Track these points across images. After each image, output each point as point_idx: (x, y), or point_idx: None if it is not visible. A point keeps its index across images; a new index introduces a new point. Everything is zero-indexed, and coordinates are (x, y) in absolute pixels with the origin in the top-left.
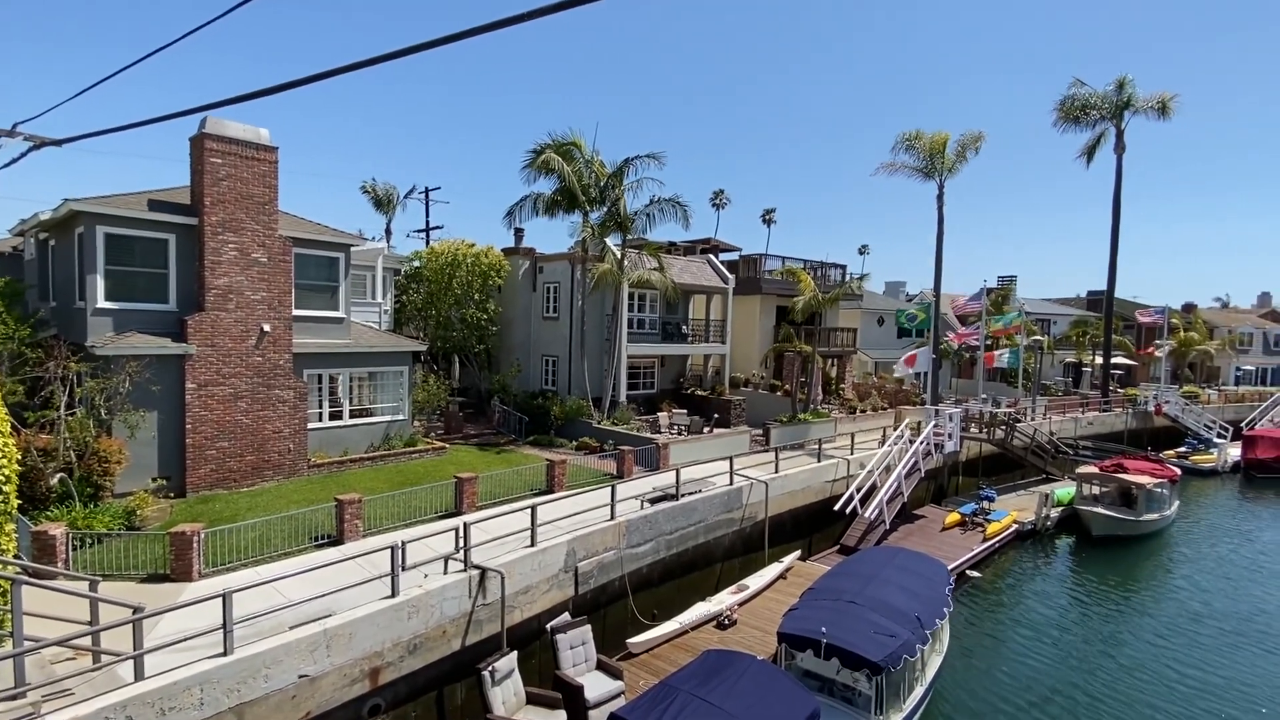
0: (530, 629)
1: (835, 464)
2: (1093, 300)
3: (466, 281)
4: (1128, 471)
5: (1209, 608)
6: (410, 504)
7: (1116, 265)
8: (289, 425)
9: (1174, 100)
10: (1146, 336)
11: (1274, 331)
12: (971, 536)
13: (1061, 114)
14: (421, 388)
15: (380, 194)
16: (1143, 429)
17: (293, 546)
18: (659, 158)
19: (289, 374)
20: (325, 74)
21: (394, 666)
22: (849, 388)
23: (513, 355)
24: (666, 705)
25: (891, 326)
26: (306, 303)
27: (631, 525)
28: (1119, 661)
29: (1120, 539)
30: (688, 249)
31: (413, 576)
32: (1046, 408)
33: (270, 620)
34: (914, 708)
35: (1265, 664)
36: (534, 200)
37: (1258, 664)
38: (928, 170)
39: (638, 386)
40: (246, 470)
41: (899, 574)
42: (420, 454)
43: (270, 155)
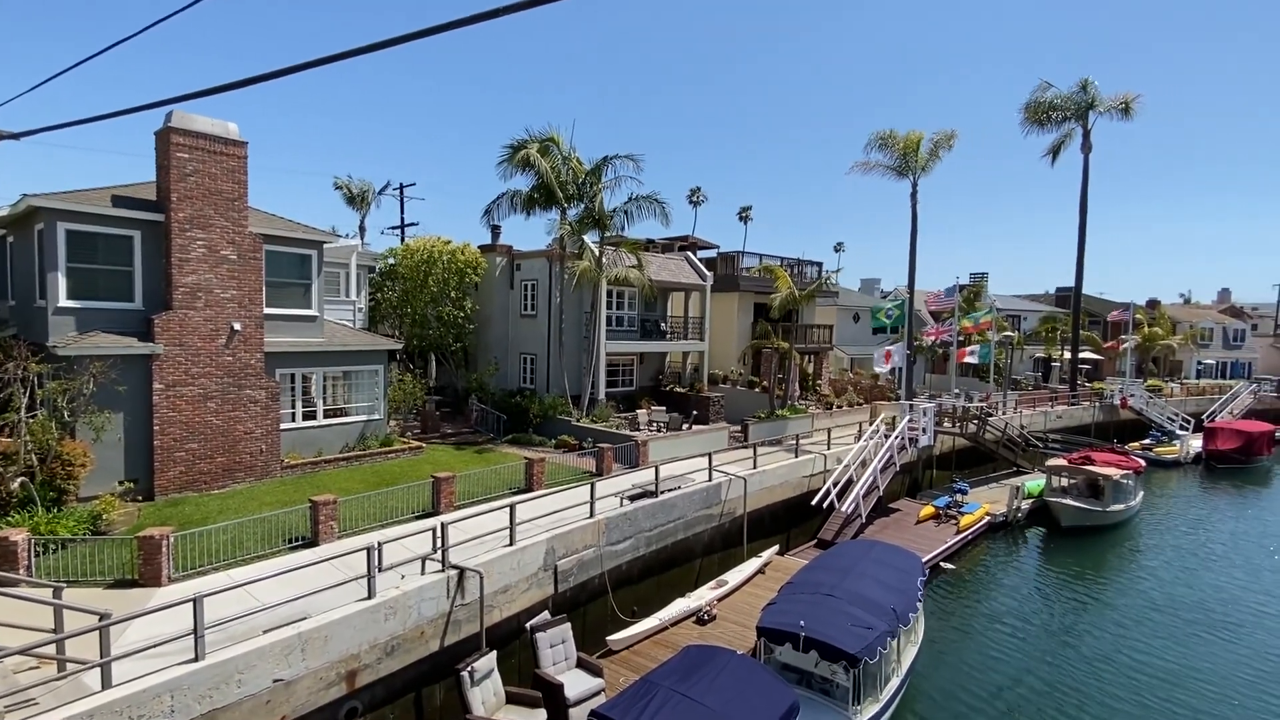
0: (510, 628)
1: (812, 459)
2: (1061, 296)
3: (443, 279)
4: (1095, 464)
5: (1168, 597)
6: (387, 504)
7: (1084, 263)
8: (261, 426)
9: (1136, 101)
10: (1113, 332)
11: (1233, 327)
12: (945, 529)
13: (1029, 116)
14: (397, 387)
15: (354, 190)
16: (1109, 422)
17: (266, 549)
18: (637, 159)
19: (261, 373)
20: (296, 68)
21: (371, 669)
22: (826, 384)
23: (490, 353)
24: (647, 701)
25: (867, 323)
26: (278, 301)
27: (611, 523)
28: (1085, 649)
29: (1088, 529)
30: (666, 246)
31: (390, 578)
32: (1017, 402)
33: (243, 624)
34: (890, 698)
35: (1217, 651)
36: (511, 197)
37: (1211, 651)
38: (901, 169)
39: (616, 384)
40: (217, 472)
41: (875, 567)
42: (397, 454)
43: (239, 150)
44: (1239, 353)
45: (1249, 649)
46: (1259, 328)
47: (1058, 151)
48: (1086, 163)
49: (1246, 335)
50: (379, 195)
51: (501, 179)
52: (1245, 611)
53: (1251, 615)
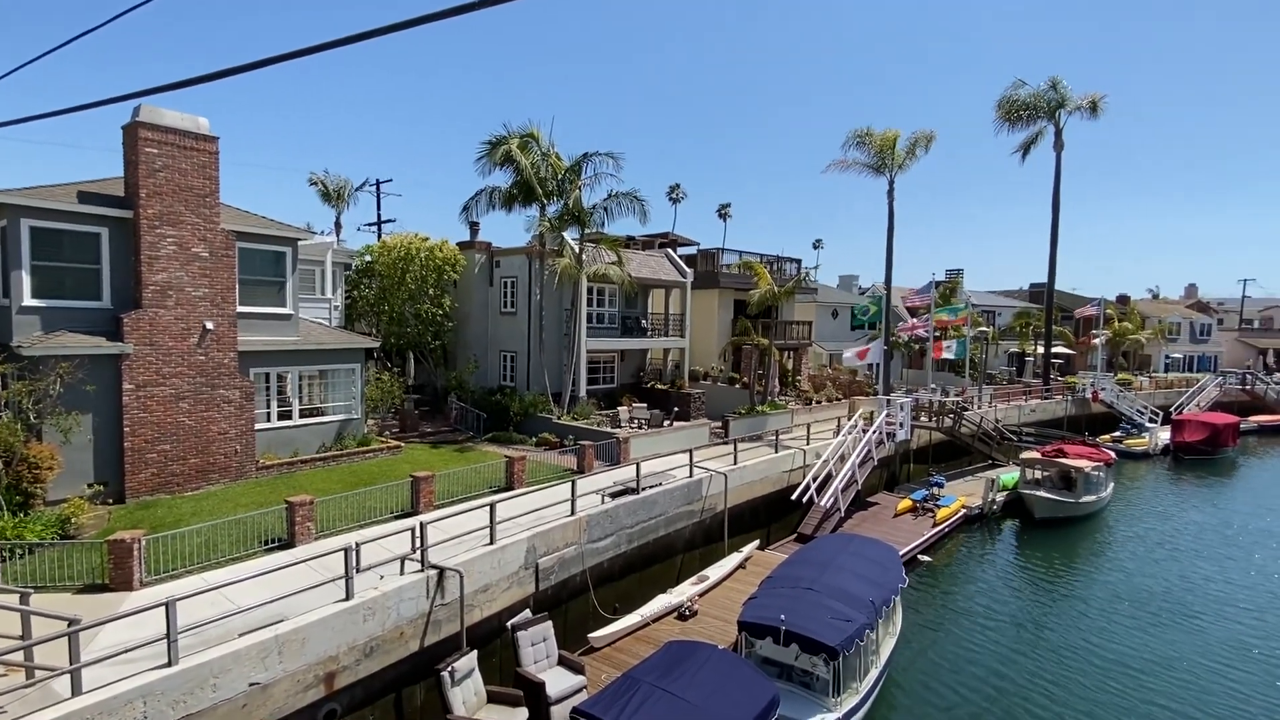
0: (490, 627)
1: (792, 454)
2: (1034, 292)
3: (420, 276)
4: (1067, 456)
5: (1135, 587)
6: (365, 504)
7: (1056, 259)
8: (235, 426)
9: (1103, 100)
10: (1084, 326)
11: (1200, 321)
12: (922, 522)
13: (1002, 114)
14: (375, 385)
15: (330, 187)
16: (1081, 415)
17: (241, 551)
18: (617, 157)
19: (234, 373)
20: (268, 60)
21: (350, 670)
22: (805, 379)
23: (469, 351)
24: (629, 698)
25: (846, 319)
26: (252, 299)
27: (592, 520)
28: (1057, 639)
29: (1061, 520)
30: (646, 243)
31: (368, 578)
32: (992, 396)
33: (218, 628)
34: (870, 689)
35: (1180, 639)
36: (490, 193)
37: (1175, 639)
38: (878, 166)
39: (597, 381)
40: (190, 474)
41: (853, 560)
42: (375, 453)
43: (210, 145)
44: (1205, 347)
45: (1211, 638)
46: (1224, 322)
47: (1028, 149)
48: (1059, 160)
49: (1213, 330)
50: (355, 192)
51: (480, 175)
52: (1208, 601)
53: (1214, 605)
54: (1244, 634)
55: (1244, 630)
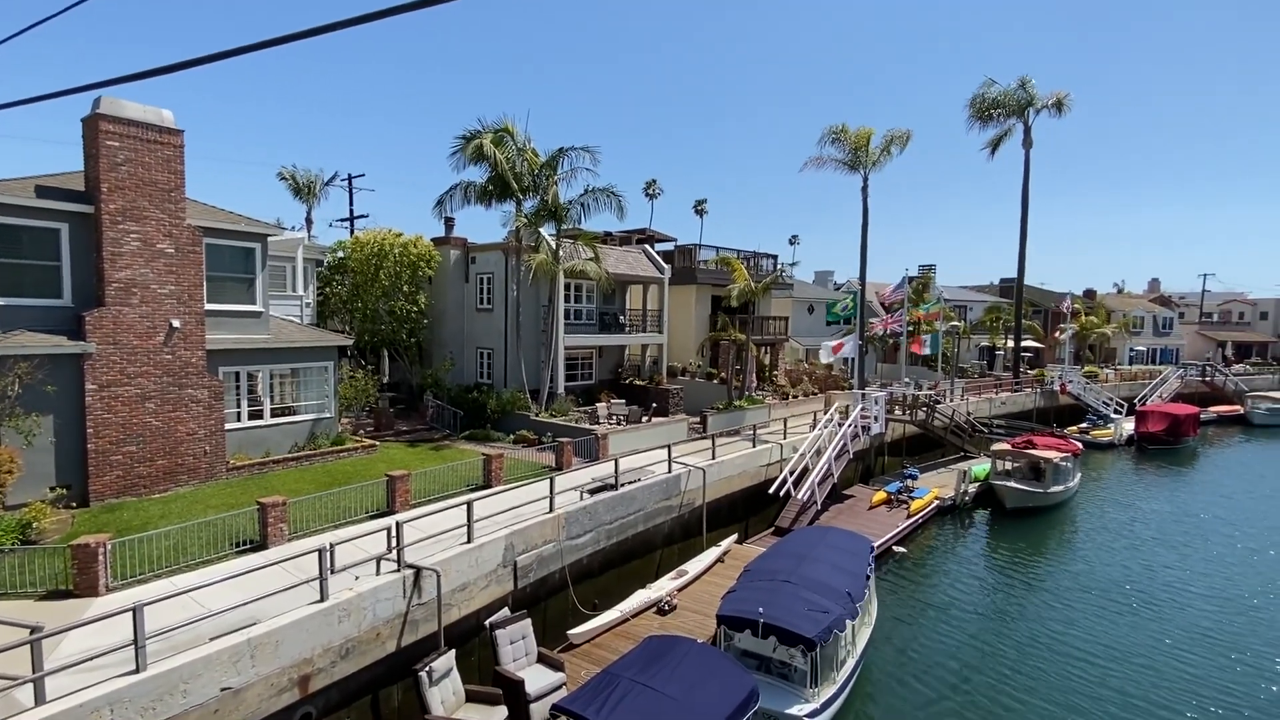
0: (469, 626)
1: (769, 448)
2: (1005, 287)
3: (394, 272)
4: (1037, 447)
5: (1100, 576)
6: (339, 504)
7: (1026, 254)
8: (204, 426)
9: (1068, 98)
10: (1053, 320)
11: (1162, 315)
12: (897, 513)
13: (974, 112)
14: (348, 384)
15: (300, 181)
16: (1050, 407)
17: (212, 554)
18: (593, 151)
19: (202, 372)
20: (235, 51)
21: (325, 672)
22: (782, 374)
23: (445, 348)
24: (609, 693)
25: (821, 314)
26: (220, 296)
27: (571, 517)
28: (1026, 627)
29: (1031, 510)
30: (623, 239)
31: (343, 579)
32: (964, 389)
33: (188, 632)
34: (846, 679)
35: (1138, 626)
36: (465, 188)
37: (1136, 625)
38: (853, 163)
39: (575, 378)
40: (158, 475)
41: (830, 552)
42: (349, 453)
43: (175, 139)
44: (1168, 340)
45: (1170, 625)
46: (1185, 316)
47: (997, 145)
48: (1027, 158)
49: (1174, 323)
50: (326, 186)
51: (454, 170)
52: (1167, 588)
53: (1172, 592)
54: (1200, 620)
55: (1200, 617)
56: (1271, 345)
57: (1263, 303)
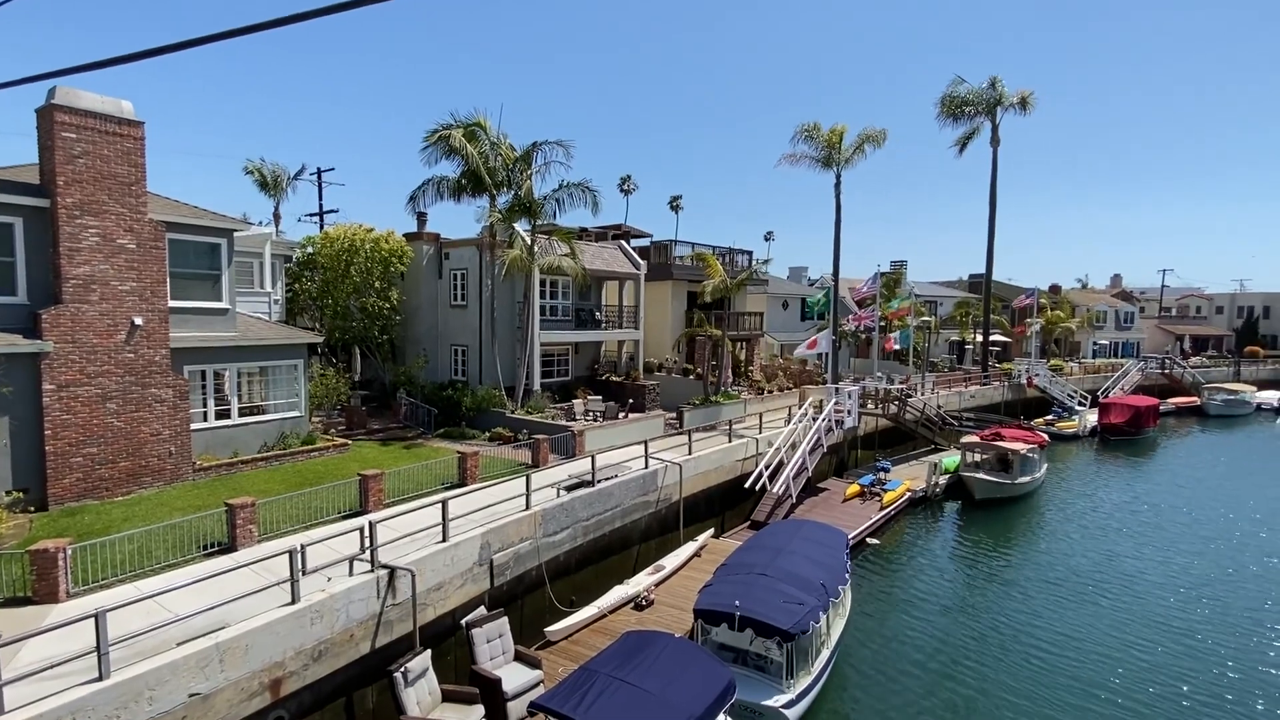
0: (444, 625)
1: (745, 443)
2: (974, 283)
3: (366, 268)
4: (1004, 440)
5: (1063, 564)
6: (311, 505)
7: (994, 250)
8: (169, 427)
9: (1032, 96)
10: (1020, 315)
11: (1124, 310)
12: (870, 505)
13: (943, 110)
14: (319, 382)
15: (267, 175)
16: (1017, 400)
17: (179, 557)
18: (567, 145)
19: (167, 371)
20: (198, 40)
21: (297, 675)
22: (757, 369)
23: (419, 345)
24: (586, 689)
25: (796, 309)
26: (185, 293)
27: (547, 514)
28: (994, 616)
29: (999, 501)
30: (599, 235)
31: (315, 581)
32: (934, 383)
33: (154, 638)
34: (821, 670)
35: (1098, 612)
36: (438, 183)
37: (1098, 612)
38: (826, 160)
39: (552, 374)
40: (121, 478)
41: (805, 545)
42: (320, 452)
43: (135, 130)
44: (1129, 333)
45: (1127, 613)
46: (1146, 310)
47: (966, 143)
48: (995, 156)
49: (1135, 317)
50: (295, 180)
51: (426, 165)
52: (1124, 577)
53: (1130, 581)
54: (1156, 607)
55: (1156, 604)
56: (1226, 339)
57: (1218, 297)
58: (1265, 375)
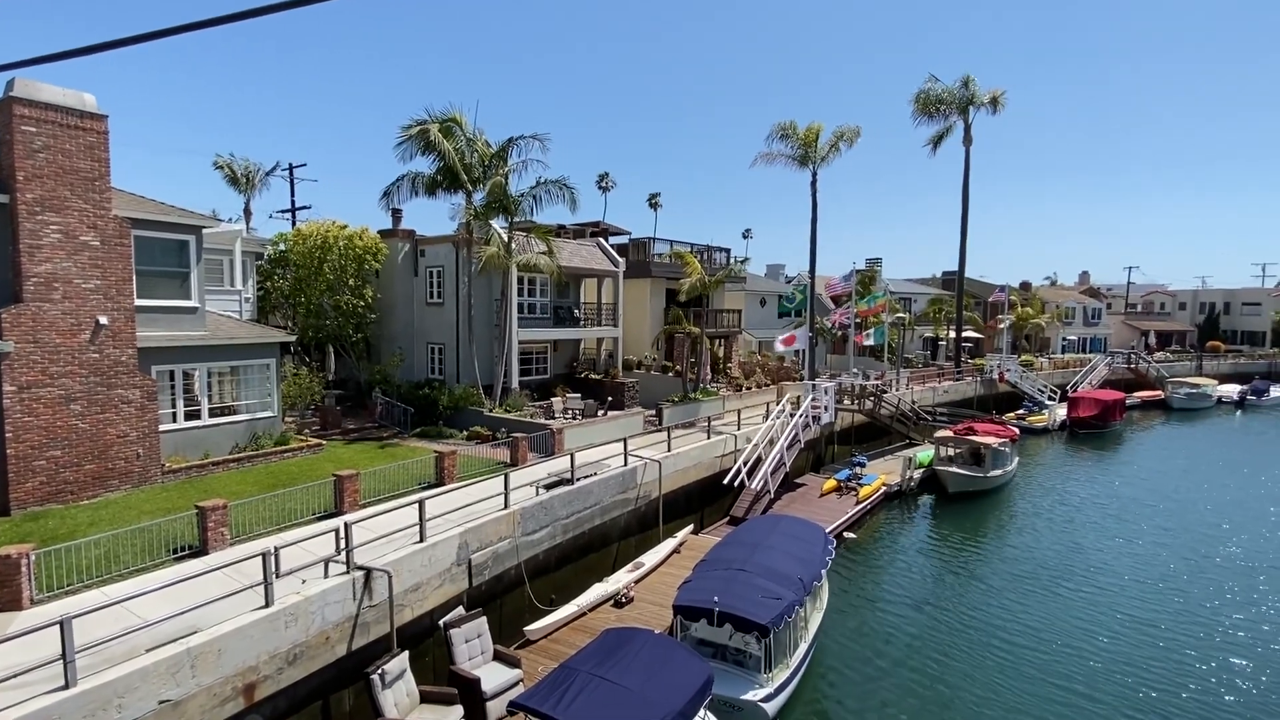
0: (422, 626)
1: (724, 440)
2: (947, 279)
3: (339, 266)
4: (977, 434)
5: (1032, 556)
6: (284, 506)
7: (966, 248)
8: (136, 428)
9: (1003, 96)
10: (991, 312)
11: (1092, 306)
12: (846, 500)
13: (918, 107)
14: (292, 381)
15: (237, 171)
16: (989, 395)
17: (148, 562)
18: (543, 139)
19: (134, 371)
20: (165, 31)
21: (272, 680)
22: (735, 366)
23: (394, 344)
24: (566, 687)
25: (773, 307)
26: (152, 291)
27: (526, 512)
28: (967, 607)
29: (972, 494)
30: (577, 232)
31: (290, 583)
32: (909, 379)
33: (123, 644)
34: (800, 663)
35: (1064, 607)
36: (413, 179)
37: (1064, 603)
38: (802, 159)
39: (530, 372)
40: (86, 481)
41: (783, 539)
42: (294, 453)
43: (98, 124)
44: (1096, 329)
45: (1092, 605)
46: (1112, 306)
47: (939, 142)
48: (968, 155)
49: (1102, 313)
50: (267, 176)
51: (401, 161)
52: (1093, 569)
53: (1095, 572)
54: (1119, 598)
55: (1119, 595)
56: (1189, 334)
57: (1181, 294)
58: (1226, 369)
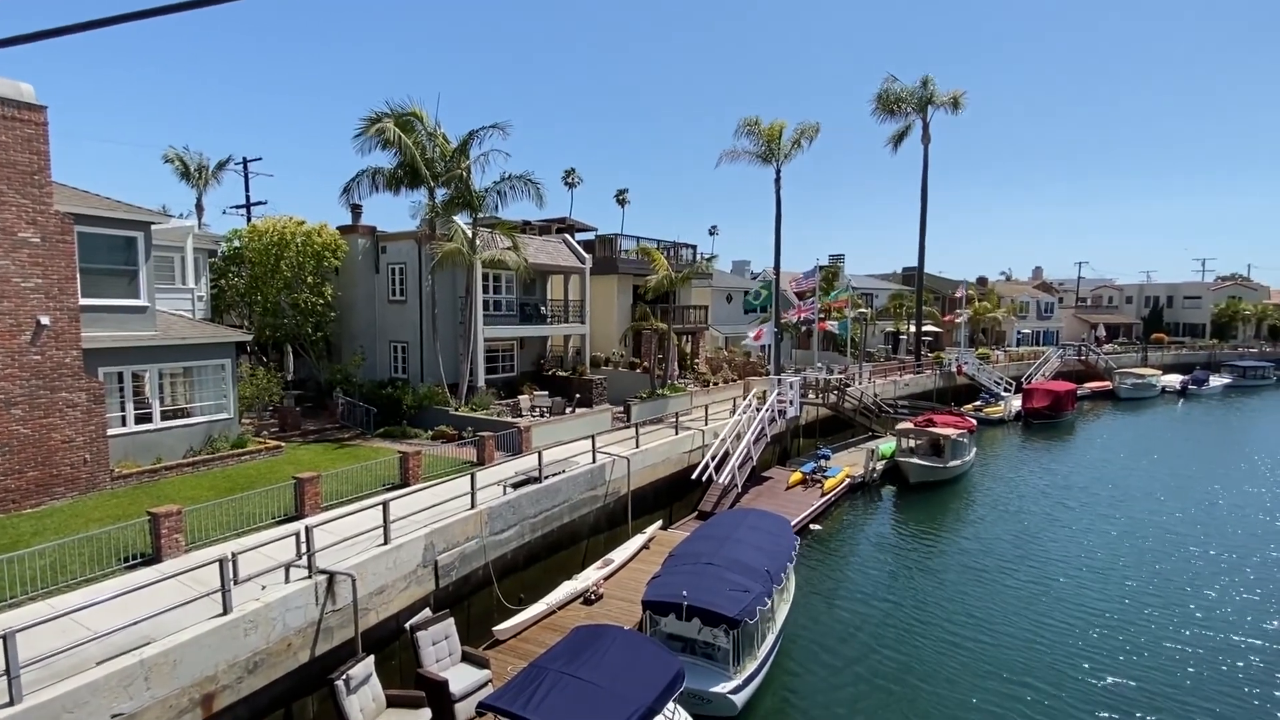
0: (388, 629)
1: (692, 435)
2: (907, 275)
3: (297, 263)
4: (936, 425)
5: (987, 544)
6: (243, 511)
7: (925, 244)
8: (82, 433)
9: (963, 96)
10: (950, 306)
11: (1045, 300)
12: (812, 492)
13: (880, 106)
14: (249, 382)
15: (189, 164)
16: (948, 387)
17: (97, 571)
18: (504, 128)
19: (79, 373)
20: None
21: (231, 689)
22: (703, 362)
23: (356, 342)
24: (535, 686)
25: (739, 303)
26: (98, 290)
27: (494, 512)
28: (929, 595)
29: (932, 484)
30: (543, 228)
31: (249, 589)
32: (871, 373)
33: (72, 657)
34: (767, 654)
35: (1008, 589)
36: (372, 175)
37: (1017, 586)
38: (766, 156)
39: (496, 370)
40: (29, 489)
41: (750, 533)
42: (252, 455)
43: (37, 116)
44: (1049, 323)
45: (1040, 588)
46: (1064, 300)
47: (899, 140)
48: (926, 154)
49: (1055, 308)
50: (220, 171)
51: (360, 155)
52: (1044, 555)
53: (1044, 561)
54: (1066, 583)
55: (1067, 581)
56: (1135, 326)
57: (1128, 288)
58: (1169, 360)
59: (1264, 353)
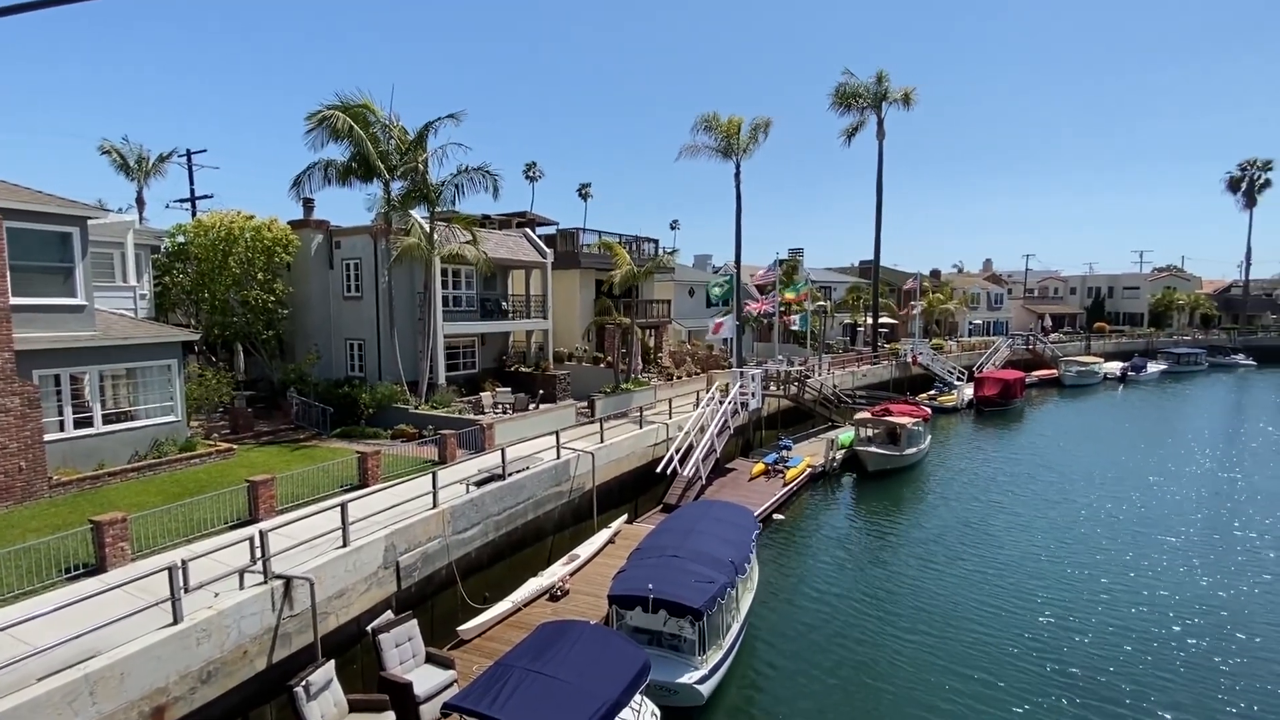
0: (349, 633)
1: (656, 429)
2: (864, 269)
3: (246, 259)
4: (893, 414)
5: (941, 529)
6: (193, 517)
7: (881, 238)
8: (16, 439)
9: (915, 93)
10: (905, 298)
11: (994, 292)
12: (774, 483)
13: (836, 100)
14: (197, 383)
15: (127, 157)
16: (904, 377)
17: (36, 584)
18: (459, 117)
19: (11, 377)
20: (32, 5)
21: (184, 700)
22: (666, 356)
23: (310, 340)
24: (501, 685)
25: (701, 296)
26: (30, 289)
27: (456, 510)
28: (887, 580)
29: (889, 472)
30: (503, 222)
31: (201, 597)
32: (830, 364)
33: (11, 674)
34: (732, 643)
35: (962, 573)
36: (325, 168)
37: (964, 574)
38: (726, 150)
39: (458, 367)
40: None
41: (714, 524)
42: (202, 459)
43: None
44: (999, 313)
45: (991, 572)
46: (1013, 292)
47: (853, 134)
48: (881, 149)
49: (1004, 299)
50: (162, 163)
51: (312, 148)
52: (992, 541)
53: (995, 546)
54: (1015, 568)
55: (1019, 565)
56: (1079, 316)
57: (1072, 279)
58: (1110, 348)
59: (1196, 340)
